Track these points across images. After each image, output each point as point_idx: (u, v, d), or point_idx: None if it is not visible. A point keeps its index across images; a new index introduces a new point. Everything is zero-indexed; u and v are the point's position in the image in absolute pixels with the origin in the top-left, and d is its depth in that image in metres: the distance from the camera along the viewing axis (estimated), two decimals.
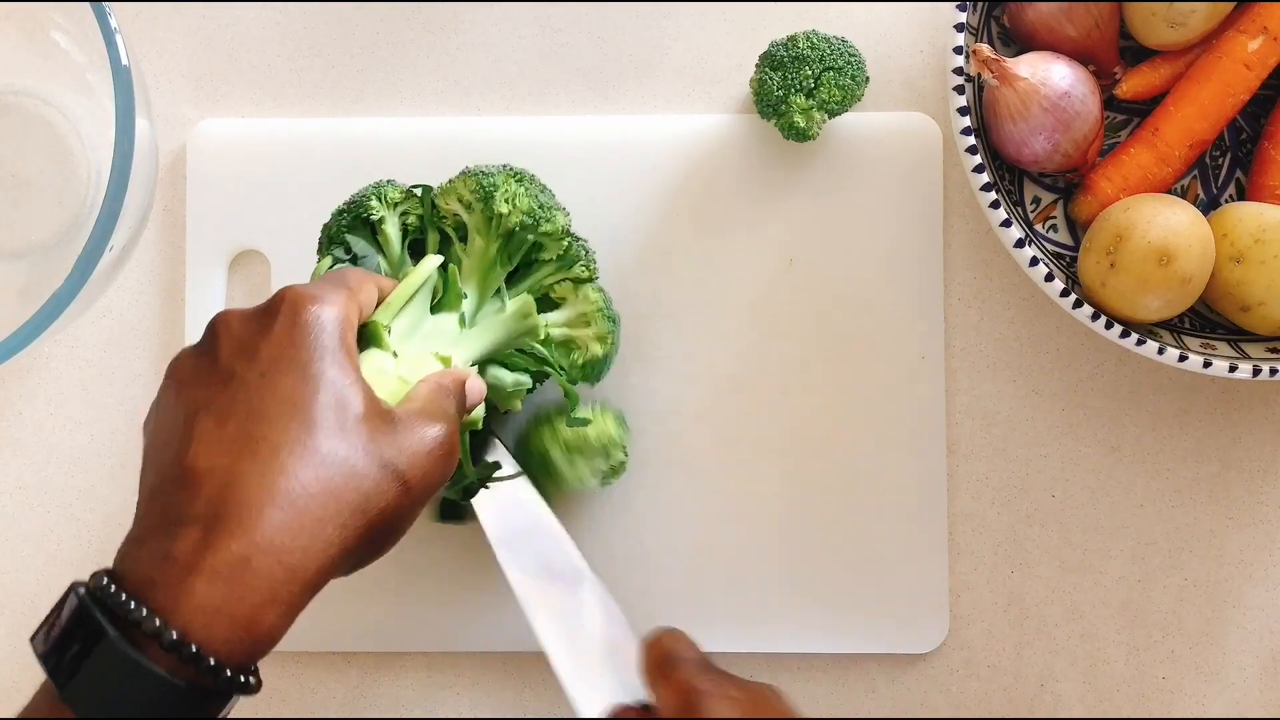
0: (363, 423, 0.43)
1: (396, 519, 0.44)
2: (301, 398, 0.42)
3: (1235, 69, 0.60)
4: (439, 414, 0.46)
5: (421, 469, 0.44)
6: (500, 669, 0.65)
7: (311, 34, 0.67)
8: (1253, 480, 0.65)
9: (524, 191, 0.57)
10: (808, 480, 0.64)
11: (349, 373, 0.44)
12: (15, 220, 0.65)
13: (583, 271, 0.59)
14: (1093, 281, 0.59)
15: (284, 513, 0.40)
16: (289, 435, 0.41)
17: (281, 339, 0.44)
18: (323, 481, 0.41)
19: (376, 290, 0.50)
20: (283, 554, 0.40)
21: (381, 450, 0.43)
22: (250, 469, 0.40)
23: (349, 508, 0.41)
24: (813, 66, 0.61)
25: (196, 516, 0.40)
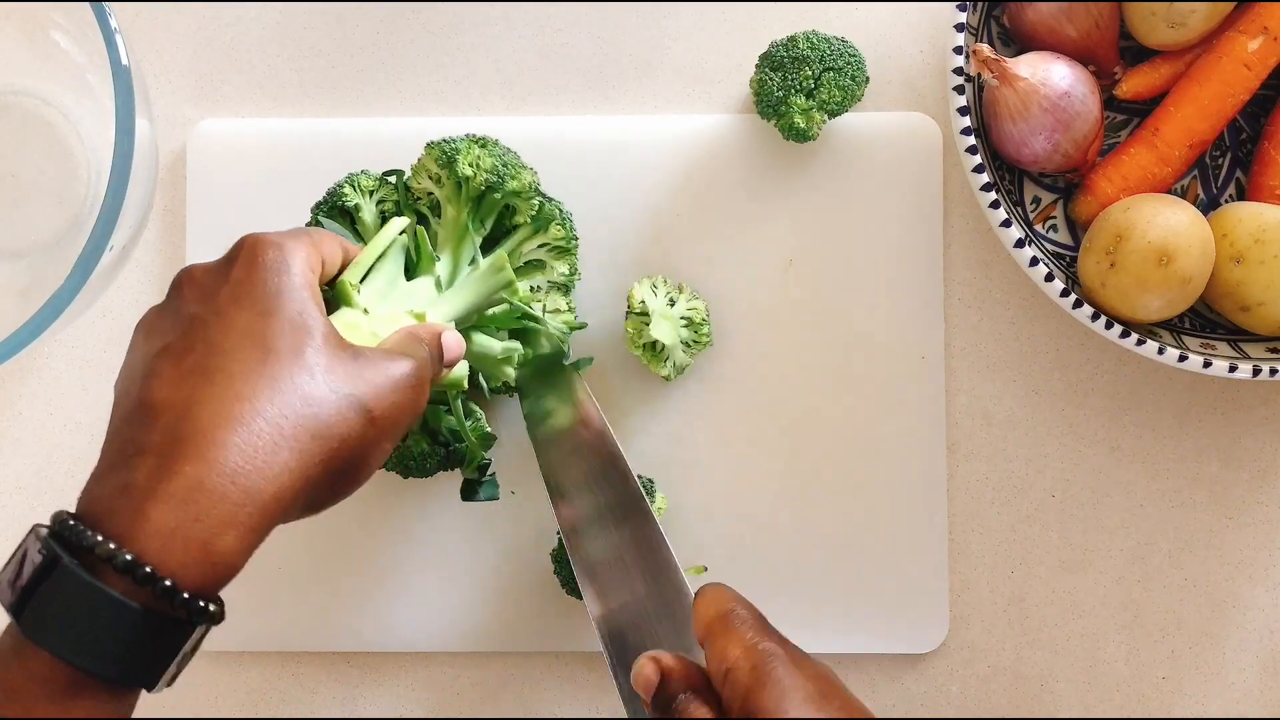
0: (322, 350, 0.43)
1: (360, 450, 0.44)
2: (258, 328, 0.43)
3: (1235, 69, 0.60)
4: (408, 352, 0.47)
5: (386, 400, 0.44)
6: (500, 669, 0.65)
7: (311, 34, 0.67)
8: (1253, 480, 0.65)
9: (486, 153, 0.57)
10: (807, 480, 0.64)
11: (307, 304, 0.44)
12: (15, 220, 0.65)
13: (558, 232, 0.60)
14: (1093, 281, 0.59)
15: (237, 435, 0.40)
16: (245, 363, 0.42)
17: (240, 278, 0.44)
18: (277, 405, 0.41)
19: (341, 250, 0.50)
20: (237, 476, 0.39)
21: (341, 379, 0.43)
22: (206, 396, 0.41)
23: (305, 432, 0.41)
24: (813, 67, 0.61)
25: (153, 446, 0.40)
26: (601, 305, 0.65)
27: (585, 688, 0.65)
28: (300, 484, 0.41)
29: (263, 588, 0.64)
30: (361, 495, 0.59)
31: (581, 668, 0.65)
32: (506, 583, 0.64)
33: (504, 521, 0.64)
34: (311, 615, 0.64)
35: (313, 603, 0.64)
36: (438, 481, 0.64)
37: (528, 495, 0.64)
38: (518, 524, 0.64)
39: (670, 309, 0.61)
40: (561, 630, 0.64)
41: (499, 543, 0.64)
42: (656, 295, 0.61)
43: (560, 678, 0.65)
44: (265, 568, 0.64)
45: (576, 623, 0.64)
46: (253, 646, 0.65)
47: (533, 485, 0.64)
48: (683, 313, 0.61)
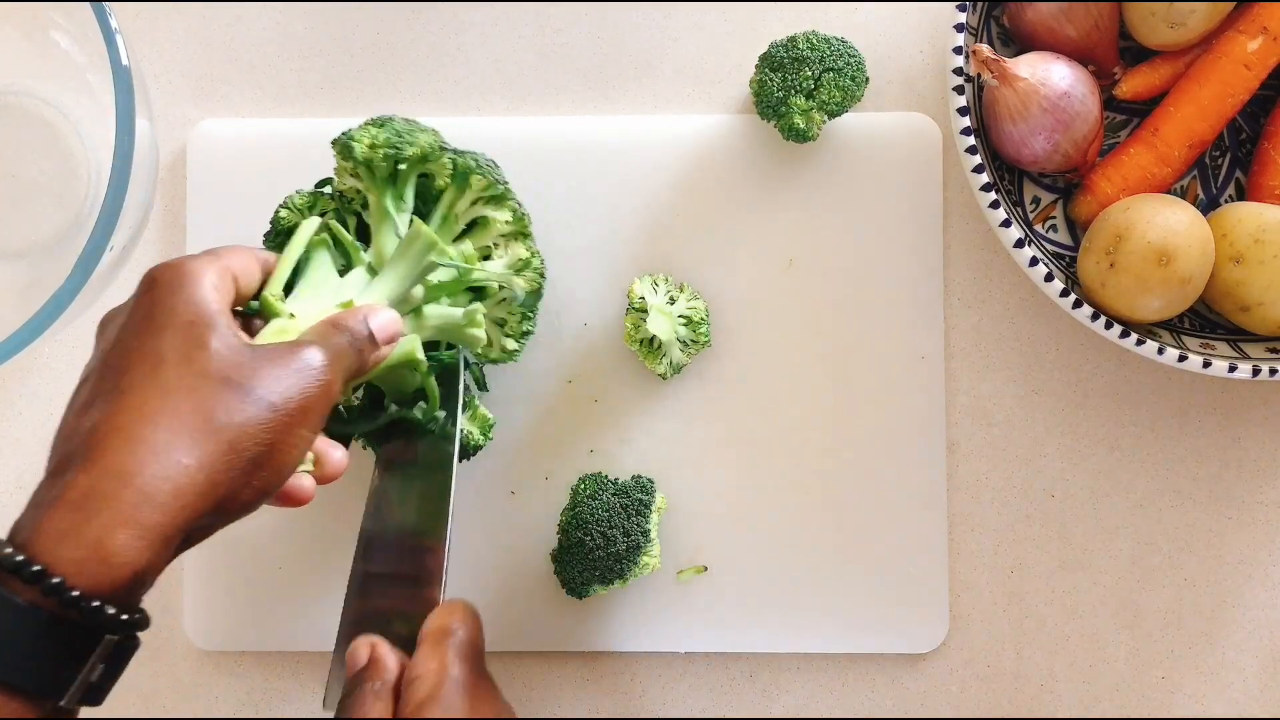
0: (214, 350, 0.44)
1: (265, 441, 0.44)
2: (150, 345, 0.44)
3: (1235, 69, 0.60)
4: (318, 340, 0.47)
5: (284, 389, 0.44)
6: (500, 669, 0.65)
7: (311, 34, 0.67)
8: (1253, 480, 0.65)
9: (380, 130, 0.56)
10: (808, 480, 0.64)
11: (202, 311, 0.45)
12: (15, 220, 0.65)
13: (480, 181, 0.58)
14: (1092, 281, 0.59)
15: (128, 441, 0.41)
16: (135, 377, 0.43)
17: (136, 305, 0.46)
18: (165, 408, 0.42)
19: (258, 264, 0.51)
20: (128, 477, 0.41)
21: (235, 372, 0.44)
22: (100, 417, 0.42)
23: (197, 430, 0.42)
24: (813, 68, 0.61)
25: (55, 468, 0.42)
26: (602, 304, 0.65)
27: (585, 688, 0.65)
28: (203, 481, 0.42)
29: (263, 589, 0.64)
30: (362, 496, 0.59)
31: (582, 668, 0.65)
32: (506, 583, 0.64)
33: (504, 522, 0.64)
34: (312, 616, 0.64)
35: (313, 603, 0.64)
36: None
37: (528, 496, 0.64)
38: (518, 524, 0.64)
39: (669, 306, 0.61)
40: (562, 630, 0.64)
41: (499, 543, 0.64)
42: (657, 292, 0.61)
43: (560, 678, 0.65)
44: (266, 569, 0.64)
45: (577, 623, 0.64)
46: (253, 647, 0.65)
47: (533, 486, 0.64)
48: (682, 311, 0.61)
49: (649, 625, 0.64)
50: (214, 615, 0.65)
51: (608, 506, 0.60)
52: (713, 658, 0.65)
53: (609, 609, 0.64)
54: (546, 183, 0.65)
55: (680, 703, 0.65)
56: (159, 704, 0.66)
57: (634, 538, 0.60)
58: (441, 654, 0.48)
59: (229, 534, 0.64)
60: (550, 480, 0.64)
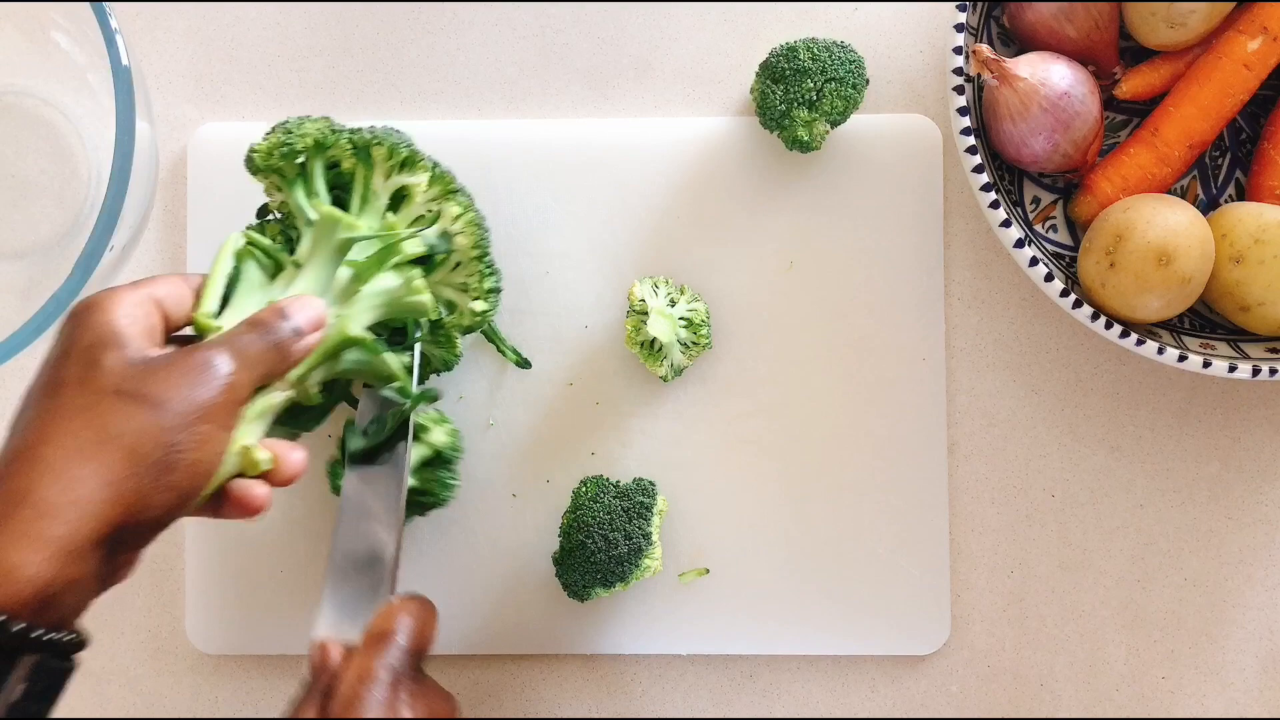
0: (107, 366, 0.45)
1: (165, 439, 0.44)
2: (53, 372, 0.46)
3: (1235, 69, 0.60)
4: (219, 340, 0.48)
5: (178, 388, 0.45)
6: (501, 670, 0.65)
7: (311, 35, 0.67)
8: (1253, 480, 0.65)
9: (272, 134, 0.56)
10: (809, 481, 0.64)
11: (102, 334, 0.46)
12: (15, 220, 0.65)
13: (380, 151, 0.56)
14: (1092, 281, 0.59)
15: (26, 463, 0.43)
16: (35, 407, 0.45)
17: (53, 342, 0.47)
18: (60, 428, 0.43)
19: (187, 286, 0.51)
20: (24, 495, 0.42)
21: (125, 381, 0.44)
22: (6, 448, 0.44)
23: (91, 442, 0.43)
24: (814, 79, 0.61)
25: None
26: (603, 306, 0.65)
27: (587, 690, 0.65)
28: (106, 491, 0.43)
29: (264, 592, 0.64)
30: None
31: (583, 670, 0.65)
32: (508, 585, 0.64)
33: (506, 525, 0.64)
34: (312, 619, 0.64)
35: (313, 606, 0.64)
36: None
37: (529, 499, 0.64)
38: (519, 527, 0.64)
39: (670, 309, 0.61)
40: (563, 633, 0.64)
41: (501, 546, 0.64)
42: (657, 294, 0.61)
43: (561, 679, 0.65)
44: (267, 573, 0.64)
45: (578, 625, 0.64)
46: (254, 650, 0.65)
47: (534, 489, 0.64)
48: (683, 313, 0.61)
49: (650, 627, 0.64)
50: (215, 619, 0.64)
51: (609, 509, 0.60)
52: (714, 659, 0.65)
53: (610, 611, 0.64)
54: (547, 185, 0.65)
55: (681, 704, 0.65)
56: (160, 707, 0.66)
57: (635, 540, 0.60)
58: (370, 656, 0.49)
59: (230, 538, 0.64)
60: (551, 483, 0.64)
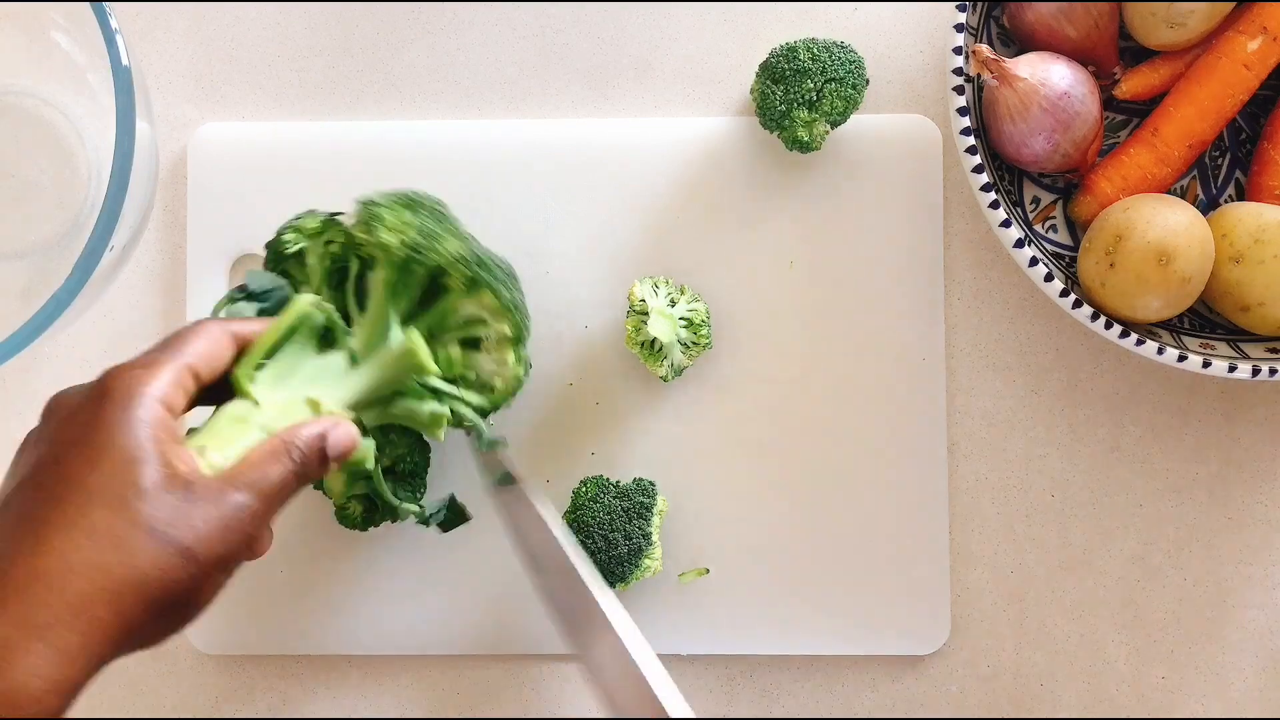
0: (146, 496, 0.42)
1: (186, 593, 0.43)
2: (84, 474, 0.42)
3: (1235, 69, 0.60)
4: (252, 481, 0.46)
5: (211, 543, 0.43)
6: (500, 671, 0.65)
7: (311, 35, 0.67)
8: (1253, 480, 0.65)
9: (412, 219, 0.54)
10: (809, 481, 0.64)
11: (141, 450, 0.43)
12: (15, 220, 0.65)
13: (491, 300, 0.56)
14: (1092, 281, 0.59)
15: (49, 592, 0.40)
16: (64, 513, 0.41)
17: (85, 418, 0.44)
18: (90, 560, 0.41)
19: (231, 344, 0.49)
20: (45, 632, 0.40)
21: (165, 525, 0.42)
22: (24, 548, 0.41)
23: (123, 585, 0.41)
24: (814, 79, 0.61)
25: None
26: (602, 307, 0.65)
27: (585, 688, 0.65)
28: (117, 632, 0.41)
29: (265, 593, 0.64)
30: None
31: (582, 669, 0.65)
32: (508, 585, 0.64)
33: None
34: (312, 619, 0.64)
35: (315, 608, 0.64)
36: (438, 487, 0.64)
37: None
38: None
39: (670, 309, 0.61)
40: None
41: (500, 546, 0.64)
42: (657, 294, 0.61)
43: (560, 679, 0.65)
44: (267, 572, 0.64)
45: None
46: (255, 650, 0.65)
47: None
48: (683, 313, 0.61)
49: (650, 627, 0.64)
50: (216, 619, 0.64)
51: (609, 509, 0.60)
52: (714, 659, 0.65)
53: None
54: (547, 185, 0.65)
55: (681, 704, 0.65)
56: (161, 707, 0.66)
57: (635, 540, 0.60)
58: None
59: None
60: (552, 483, 0.64)
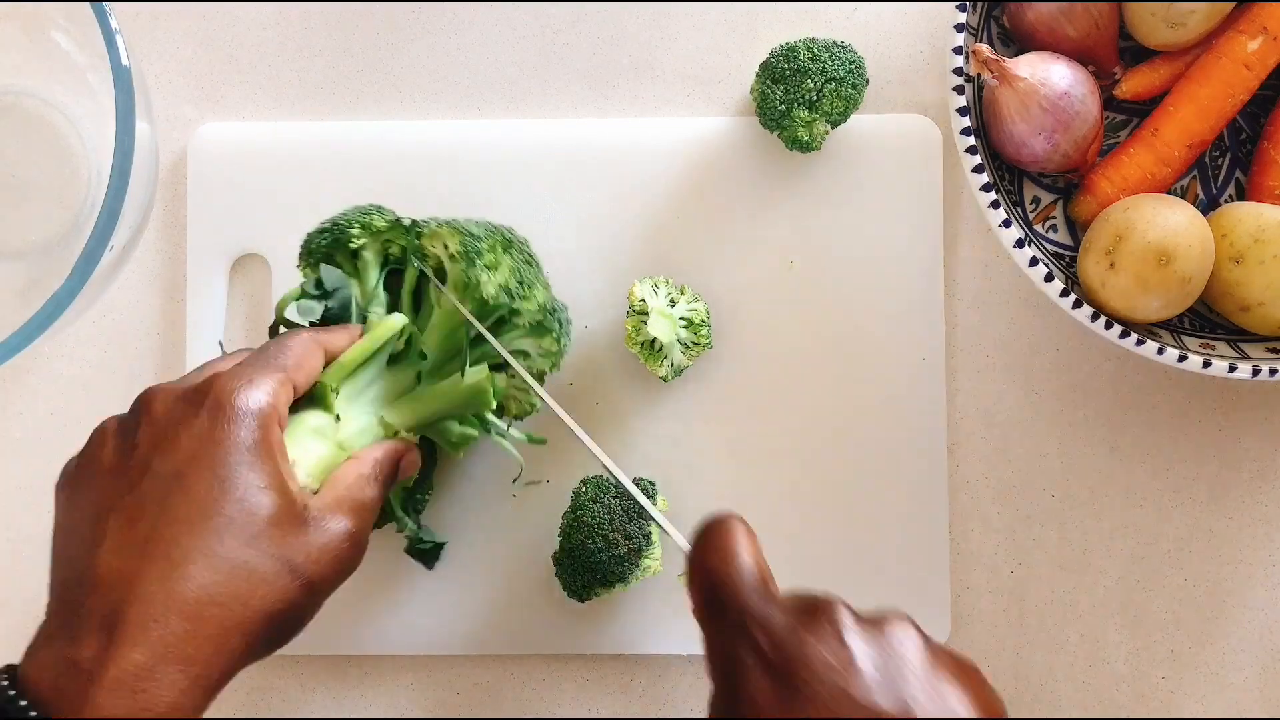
0: (272, 527, 0.43)
1: (300, 616, 0.45)
2: (212, 501, 0.42)
3: (1235, 69, 0.60)
4: (354, 507, 0.47)
5: (326, 569, 0.44)
6: (501, 671, 0.65)
7: (311, 35, 0.67)
8: (1253, 480, 0.65)
9: (509, 262, 0.55)
10: (809, 481, 0.64)
11: (264, 475, 0.43)
12: (15, 220, 0.65)
13: (551, 345, 0.57)
14: (1092, 281, 0.59)
15: (189, 622, 0.40)
16: (197, 541, 0.41)
17: (202, 434, 0.43)
18: (229, 591, 0.41)
19: (322, 356, 0.50)
20: (187, 663, 0.40)
21: (289, 554, 0.43)
22: (155, 574, 0.40)
23: (256, 616, 0.42)
24: (814, 79, 0.61)
25: (100, 621, 0.40)
26: (603, 307, 0.65)
27: (587, 690, 0.65)
28: (243, 659, 0.42)
29: None
30: None
31: (582, 669, 0.65)
32: (508, 586, 0.64)
33: (505, 525, 0.64)
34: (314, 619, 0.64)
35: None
36: (437, 487, 0.64)
37: (529, 499, 0.64)
38: (519, 527, 0.64)
39: (670, 309, 0.61)
40: (563, 634, 0.64)
41: (500, 546, 0.64)
42: (657, 294, 0.61)
43: (560, 679, 0.65)
44: None
45: (578, 626, 0.64)
46: None
47: (534, 489, 0.64)
48: (683, 313, 0.61)
49: (651, 628, 0.64)
50: None
51: (609, 509, 0.60)
52: None
53: (611, 612, 0.64)
54: (547, 185, 0.65)
55: (681, 704, 0.65)
56: None
57: (635, 540, 0.60)
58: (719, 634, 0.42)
59: None
60: (551, 483, 0.64)
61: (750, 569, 0.42)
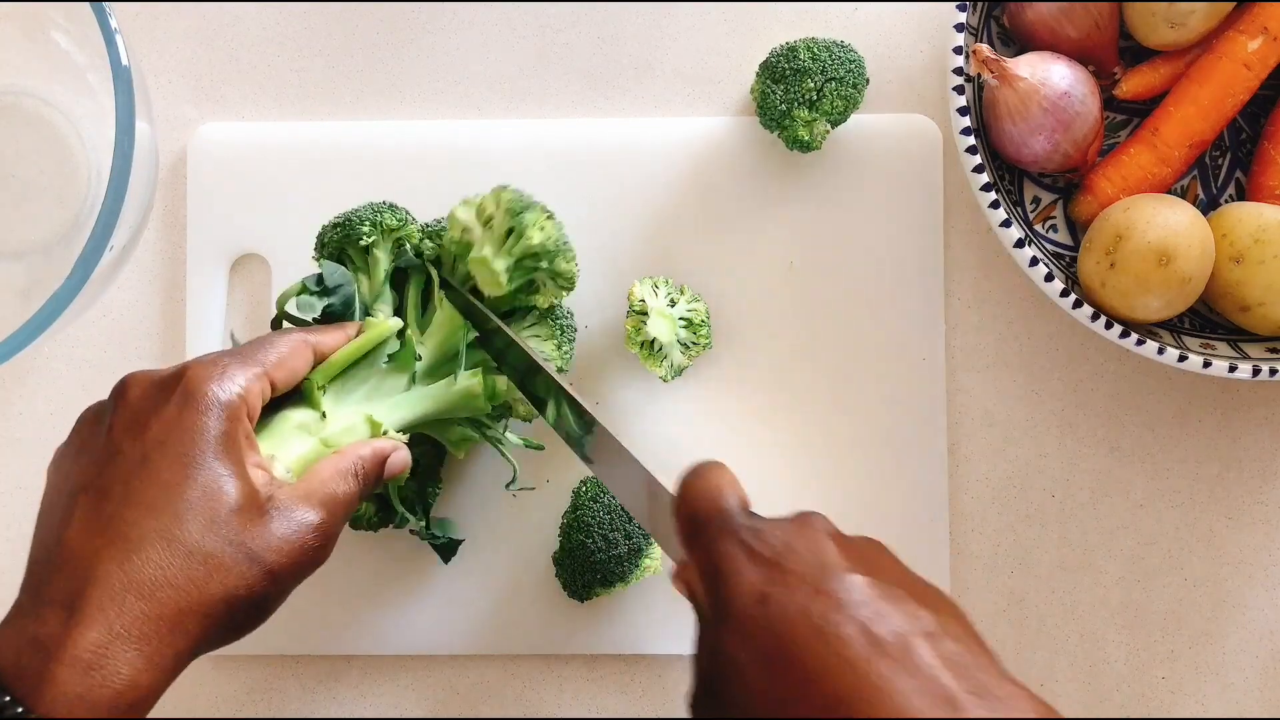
0: (233, 515, 0.43)
1: (261, 604, 0.45)
2: (175, 486, 0.43)
3: (1235, 69, 0.60)
4: (325, 499, 0.47)
5: (289, 559, 0.45)
6: (501, 671, 0.65)
7: (311, 35, 0.67)
8: (1253, 480, 0.65)
9: (554, 226, 0.56)
10: (808, 481, 0.64)
11: (228, 463, 0.44)
12: (15, 220, 0.65)
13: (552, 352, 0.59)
14: (1092, 281, 0.59)
15: (146, 604, 0.41)
16: (156, 524, 0.42)
17: (170, 420, 0.44)
18: (187, 575, 0.42)
19: (308, 357, 0.50)
20: (142, 643, 0.41)
21: (249, 542, 0.43)
22: (115, 554, 0.41)
23: (214, 601, 0.42)
24: (815, 79, 0.61)
25: (61, 599, 0.41)
26: (603, 307, 0.65)
27: (587, 690, 0.65)
28: (200, 642, 0.43)
29: None
30: None
31: (582, 669, 0.65)
32: (508, 585, 0.64)
33: (505, 525, 0.64)
34: (311, 619, 0.64)
35: (313, 607, 0.64)
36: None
37: (529, 499, 0.64)
38: (519, 527, 0.64)
39: (670, 309, 0.61)
40: (563, 633, 0.64)
41: (500, 546, 0.64)
42: (657, 295, 0.61)
43: (560, 679, 0.65)
44: None
45: (578, 626, 0.64)
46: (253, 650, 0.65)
47: (534, 490, 0.64)
48: (682, 313, 0.61)
49: (650, 628, 0.64)
50: None
51: (609, 509, 0.60)
52: None
53: (610, 611, 0.64)
54: (546, 185, 0.65)
55: (681, 704, 0.65)
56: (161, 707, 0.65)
57: (635, 540, 0.60)
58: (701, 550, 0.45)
59: None
60: (551, 483, 0.64)
61: (734, 496, 0.45)
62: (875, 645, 0.38)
